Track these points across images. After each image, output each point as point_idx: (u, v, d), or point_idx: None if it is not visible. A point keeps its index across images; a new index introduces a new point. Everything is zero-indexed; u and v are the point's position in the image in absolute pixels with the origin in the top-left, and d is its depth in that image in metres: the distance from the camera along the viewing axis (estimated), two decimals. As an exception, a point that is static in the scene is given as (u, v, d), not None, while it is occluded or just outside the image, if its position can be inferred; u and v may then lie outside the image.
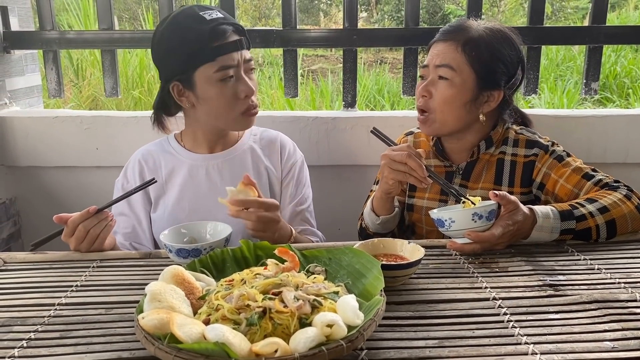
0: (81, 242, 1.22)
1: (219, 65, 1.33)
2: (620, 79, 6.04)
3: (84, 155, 1.95)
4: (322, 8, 10.61)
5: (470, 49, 1.36)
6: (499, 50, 1.38)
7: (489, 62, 1.37)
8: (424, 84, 1.41)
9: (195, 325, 0.78)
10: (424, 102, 1.41)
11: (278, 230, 1.28)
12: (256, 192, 1.25)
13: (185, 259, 1.11)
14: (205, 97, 1.37)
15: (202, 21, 1.32)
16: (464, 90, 1.37)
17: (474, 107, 1.40)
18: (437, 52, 1.40)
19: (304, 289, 0.85)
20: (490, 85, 1.38)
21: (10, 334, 0.90)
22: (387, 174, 1.31)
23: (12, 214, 2.04)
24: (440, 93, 1.38)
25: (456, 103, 1.38)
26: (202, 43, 1.31)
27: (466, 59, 1.36)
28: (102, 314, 0.96)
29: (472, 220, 1.15)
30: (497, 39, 1.39)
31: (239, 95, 1.37)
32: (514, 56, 1.40)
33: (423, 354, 0.82)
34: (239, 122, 1.42)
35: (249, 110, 1.40)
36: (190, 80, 1.36)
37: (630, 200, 1.26)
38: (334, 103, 5.16)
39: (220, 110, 1.39)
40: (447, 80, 1.37)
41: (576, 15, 8.58)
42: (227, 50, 1.33)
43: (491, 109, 1.41)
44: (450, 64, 1.36)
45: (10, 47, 2.01)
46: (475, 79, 1.37)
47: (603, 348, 0.82)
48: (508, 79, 1.41)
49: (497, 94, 1.40)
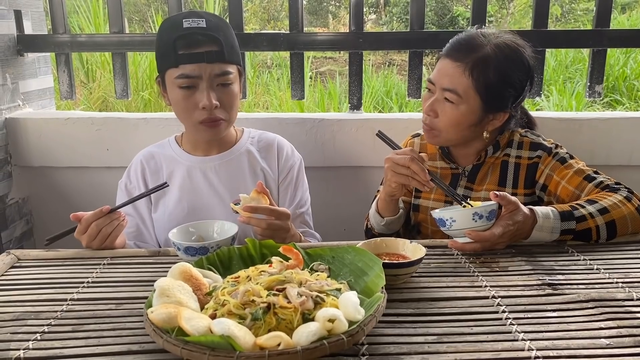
0: (93, 239, 1.25)
1: (180, 72, 1.37)
2: (630, 81, 5.98)
3: (95, 155, 1.99)
4: (330, 10, 10.64)
5: (478, 73, 1.33)
6: (509, 75, 1.35)
7: (496, 87, 1.35)
8: (430, 103, 1.39)
9: (202, 319, 0.81)
10: (430, 121, 1.41)
11: (289, 238, 1.31)
12: (268, 200, 1.28)
13: (193, 256, 1.14)
14: (171, 98, 1.43)
15: (178, 28, 1.37)
16: (469, 115, 1.37)
17: (479, 128, 1.41)
18: (445, 72, 1.37)
19: (307, 285, 0.88)
20: (496, 108, 1.38)
21: (24, 327, 0.93)
22: (391, 177, 1.34)
23: (25, 213, 2.09)
24: (446, 115, 1.38)
25: (461, 126, 1.38)
26: (169, 48, 1.37)
27: (473, 84, 1.34)
28: (113, 309, 0.99)
29: (473, 220, 1.17)
30: (507, 59, 1.35)
31: (197, 105, 1.39)
32: (523, 77, 1.38)
33: (422, 349, 0.84)
34: (198, 130, 1.44)
35: (206, 122, 1.41)
36: (164, 79, 1.43)
37: (630, 201, 1.27)
38: (342, 105, 5.16)
39: (180, 115, 1.44)
40: (453, 104, 1.36)
41: (586, 17, 8.52)
42: (190, 59, 1.36)
43: (495, 127, 1.42)
44: (457, 90, 1.35)
45: (23, 50, 2.06)
46: (481, 104, 1.36)
47: (598, 345, 0.84)
48: (515, 99, 1.40)
49: (503, 115, 1.40)
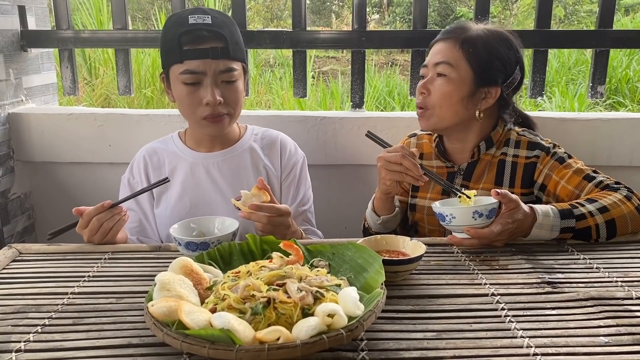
0: (94, 234, 1.26)
1: (185, 68, 1.38)
2: (633, 83, 5.96)
3: (97, 151, 2.00)
4: (333, 10, 10.64)
5: (468, 45, 1.40)
6: (496, 48, 1.42)
7: (486, 59, 1.41)
8: (423, 82, 1.45)
9: (202, 313, 0.81)
10: (422, 100, 1.45)
11: (289, 234, 1.31)
12: (269, 196, 1.28)
13: (194, 251, 1.15)
14: (175, 94, 1.44)
15: (183, 24, 1.38)
16: (461, 86, 1.41)
17: (471, 104, 1.43)
18: (436, 50, 1.45)
19: (307, 281, 0.88)
20: (487, 82, 1.42)
21: (25, 320, 0.94)
22: (384, 175, 1.35)
23: (27, 208, 2.09)
24: (438, 89, 1.42)
25: (453, 98, 1.41)
26: (174, 44, 1.38)
27: (464, 55, 1.40)
28: (113, 303, 1.00)
29: (472, 218, 1.18)
30: (495, 38, 1.43)
31: (201, 101, 1.40)
32: (511, 55, 1.44)
33: (421, 345, 0.85)
34: (202, 125, 1.45)
35: (209, 117, 1.42)
36: (168, 76, 1.44)
37: (630, 201, 1.28)
38: (345, 104, 5.16)
39: (184, 110, 1.45)
40: (445, 76, 1.41)
41: (589, 19, 8.50)
42: (195, 55, 1.37)
43: (489, 105, 1.44)
44: (448, 61, 1.41)
45: (27, 46, 2.06)
46: (472, 75, 1.40)
47: (597, 343, 0.85)
48: (505, 77, 1.44)
49: (495, 91, 1.43)
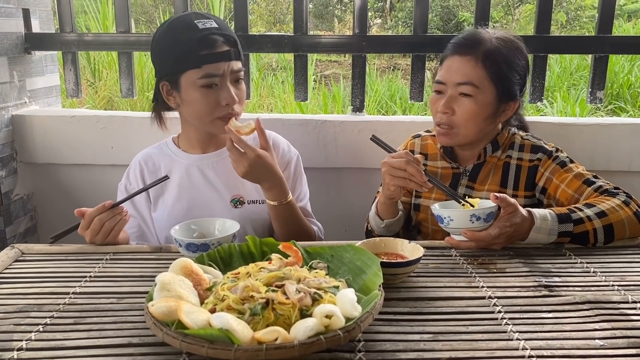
0: (96, 234, 1.27)
1: (204, 73, 1.38)
2: (635, 88, 5.97)
3: (99, 153, 2.01)
4: (336, 14, 10.68)
5: (490, 63, 1.38)
6: (514, 60, 1.41)
7: (507, 75, 1.39)
8: (445, 101, 1.41)
9: (201, 313, 0.82)
10: (446, 119, 1.42)
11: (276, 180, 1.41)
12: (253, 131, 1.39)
13: (194, 253, 1.16)
14: (188, 99, 1.43)
15: (194, 29, 1.38)
16: (487, 106, 1.40)
17: (494, 119, 1.44)
18: (456, 68, 1.40)
19: (306, 282, 0.89)
20: (508, 97, 1.42)
21: (27, 319, 0.95)
22: (388, 180, 1.35)
23: (29, 209, 2.11)
24: (465, 110, 1.39)
25: (479, 118, 1.40)
26: (191, 50, 1.38)
27: (487, 74, 1.38)
28: (114, 303, 1.01)
29: (470, 221, 1.19)
30: (510, 48, 1.41)
31: (220, 102, 1.42)
32: (525, 64, 1.44)
33: (417, 347, 0.85)
34: (215, 125, 1.45)
35: (227, 116, 1.44)
36: (177, 82, 1.42)
37: (628, 206, 1.28)
38: (346, 108, 5.18)
39: (199, 113, 1.44)
40: (470, 97, 1.38)
41: (591, 24, 8.53)
42: (213, 59, 1.38)
43: (507, 117, 1.46)
44: (473, 82, 1.38)
45: (31, 48, 2.08)
46: (496, 93, 1.39)
47: (592, 346, 0.85)
48: (521, 88, 1.44)
49: (514, 104, 1.44)
